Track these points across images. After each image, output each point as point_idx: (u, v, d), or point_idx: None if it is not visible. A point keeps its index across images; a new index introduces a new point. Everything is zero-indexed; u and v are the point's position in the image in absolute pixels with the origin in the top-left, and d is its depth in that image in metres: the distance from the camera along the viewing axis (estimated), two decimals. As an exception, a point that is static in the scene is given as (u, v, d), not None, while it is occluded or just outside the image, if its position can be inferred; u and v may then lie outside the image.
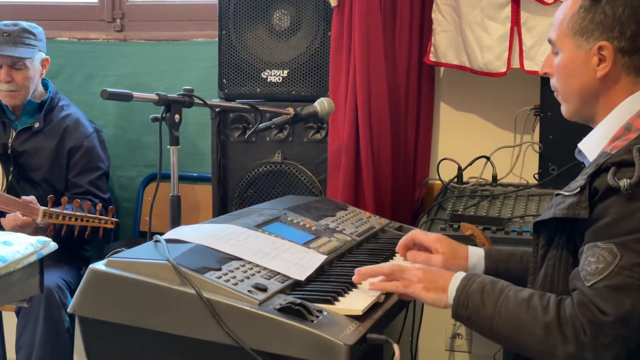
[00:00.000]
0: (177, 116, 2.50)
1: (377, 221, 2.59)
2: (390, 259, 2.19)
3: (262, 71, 3.11)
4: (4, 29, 3.27)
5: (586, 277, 1.58)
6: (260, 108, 2.78)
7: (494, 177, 3.08)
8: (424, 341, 2.92)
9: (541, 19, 2.87)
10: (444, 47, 3.07)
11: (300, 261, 1.93)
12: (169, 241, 1.84)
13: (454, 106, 3.31)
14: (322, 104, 2.82)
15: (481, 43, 2.96)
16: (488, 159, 3.08)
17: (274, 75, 3.10)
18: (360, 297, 1.79)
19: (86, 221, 3.05)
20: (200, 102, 2.58)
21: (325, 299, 1.73)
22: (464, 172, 3.08)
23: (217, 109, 3.09)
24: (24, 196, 3.08)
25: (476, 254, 2.04)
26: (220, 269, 1.73)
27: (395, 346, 1.61)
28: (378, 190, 3.00)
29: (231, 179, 3.18)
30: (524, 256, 1.97)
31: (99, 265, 1.75)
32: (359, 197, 2.98)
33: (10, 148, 3.33)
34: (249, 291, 1.66)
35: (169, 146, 2.51)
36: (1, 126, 3.37)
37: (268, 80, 3.11)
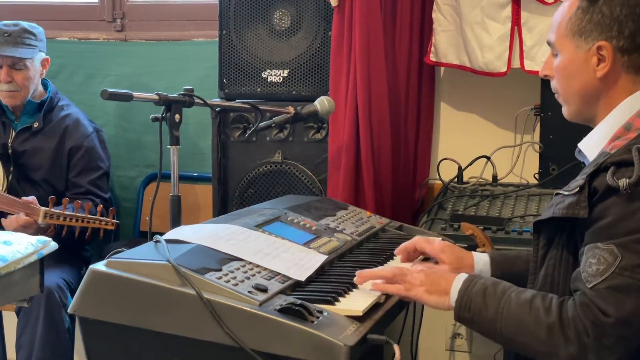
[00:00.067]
0: (177, 116, 2.50)
1: (378, 221, 2.59)
2: (391, 258, 2.18)
3: (262, 71, 3.11)
4: (4, 29, 3.26)
5: (587, 278, 1.58)
6: (260, 107, 2.77)
7: (494, 177, 3.08)
8: (424, 341, 2.93)
9: (542, 19, 2.87)
10: (444, 47, 3.07)
11: (300, 261, 1.93)
12: (169, 241, 1.84)
13: (455, 106, 3.30)
14: (322, 102, 2.81)
15: (481, 43, 2.95)
16: (488, 158, 3.08)
17: (275, 75, 3.10)
18: (360, 298, 1.78)
19: (87, 222, 3.05)
20: (201, 101, 2.58)
21: (325, 299, 1.73)
22: (464, 172, 3.08)
23: (218, 109, 3.09)
24: (24, 197, 3.08)
25: (481, 260, 2.03)
26: (220, 270, 1.73)
27: (396, 346, 1.61)
28: (378, 190, 3.00)
29: (231, 178, 3.17)
30: (528, 258, 1.96)
31: (99, 266, 1.75)
32: (360, 197, 2.98)
33: (10, 148, 3.33)
34: (249, 292, 1.66)
35: (169, 146, 2.50)
36: (1, 126, 3.37)
37: (268, 80, 3.10)
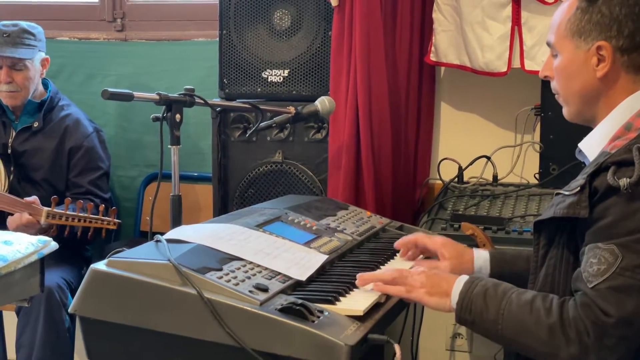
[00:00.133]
0: (178, 116, 2.50)
1: (378, 221, 2.59)
2: (391, 258, 2.19)
3: (262, 71, 3.11)
4: (3, 29, 3.26)
5: (588, 278, 1.58)
6: (261, 107, 2.77)
7: (495, 177, 3.08)
8: (424, 341, 2.93)
9: (542, 19, 2.87)
10: (444, 46, 3.07)
11: (301, 261, 1.93)
12: (169, 241, 1.84)
13: (455, 106, 3.30)
14: (322, 102, 2.81)
15: (482, 43, 2.95)
16: (489, 158, 3.08)
17: (275, 75, 3.10)
18: (361, 297, 1.78)
19: (89, 222, 3.05)
20: (201, 101, 2.58)
21: (326, 299, 1.73)
22: (465, 172, 3.08)
23: (218, 109, 3.09)
24: (25, 197, 3.08)
25: (481, 257, 2.04)
26: (221, 269, 1.73)
27: (396, 346, 1.61)
28: (379, 190, 3.00)
29: (232, 178, 3.17)
30: (529, 257, 1.97)
31: (100, 265, 1.75)
32: (360, 197, 2.98)
33: (11, 148, 3.33)
34: (250, 291, 1.66)
35: (169, 146, 2.51)
36: (1, 126, 3.37)
37: (269, 80, 3.10)
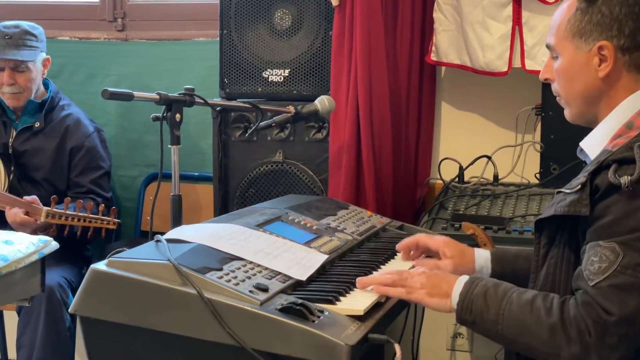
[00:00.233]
0: (178, 115, 2.50)
1: (379, 220, 2.59)
2: (392, 258, 2.18)
3: (263, 70, 3.11)
4: (5, 31, 3.25)
5: (589, 276, 1.58)
6: (261, 107, 2.77)
7: (495, 177, 3.07)
8: (425, 341, 2.92)
9: (542, 19, 2.87)
10: (445, 46, 3.07)
11: (301, 261, 1.93)
12: (170, 241, 1.84)
13: (455, 105, 3.30)
14: (322, 101, 2.81)
15: (482, 42, 2.95)
16: (489, 158, 3.08)
17: (275, 74, 3.09)
18: (361, 297, 1.78)
19: (89, 222, 3.05)
20: (202, 101, 2.58)
21: (326, 299, 1.73)
22: (465, 172, 3.08)
23: (218, 108, 3.09)
24: (25, 196, 3.08)
25: (482, 256, 2.04)
26: (221, 269, 1.73)
27: (397, 346, 1.61)
28: (379, 190, 3.00)
29: (232, 178, 3.17)
30: (530, 256, 1.96)
31: (100, 265, 1.75)
32: (360, 197, 2.98)
33: (11, 147, 3.33)
34: (250, 291, 1.66)
35: (170, 145, 2.50)
36: (2, 126, 3.37)
37: (269, 80, 3.10)
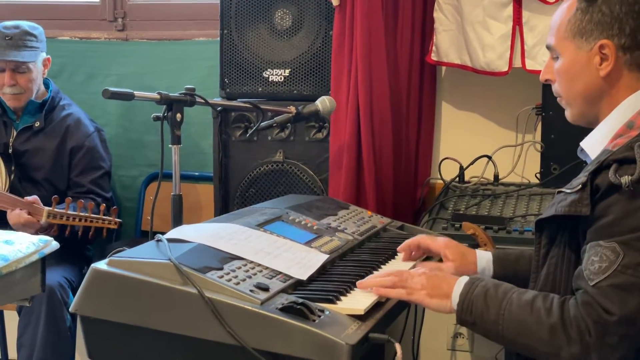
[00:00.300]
0: (178, 115, 2.50)
1: (379, 220, 2.59)
2: (392, 258, 2.18)
3: (263, 70, 3.11)
4: (5, 32, 3.25)
5: (590, 276, 1.58)
6: (261, 107, 2.77)
7: (496, 177, 3.07)
8: (425, 340, 2.92)
9: (543, 18, 2.87)
10: (445, 46, 3.07)
11: (302, 260, 1.93)
12: (170, 240, 1.84)
13: (456, 105, 3.30)
14: (323, 102, 2.81)
15: (483, 42, 2.95)
16: (490, 158, 3.08)
17: (276, 74, 3.10)
18: (362, 297, 1.78)
19: (90, 221, 3.05)
20: (202, 101, 2.58)
21: (327, 298, 1.73)
22: (466, 172, 3.08)
23: (219, 108, 3.09)
24: (26, 196, 3.08)
25: (484, 257, 2.04)
26: (222, 269, 1.73)
27: (397, 345, 1.61)
28: (380, 190, 3.00)
29: (233, 178, 3.17)
30: (531, 257, 1.96)
31: (101, 265, 1.75)
32: (361, 196, 2.98)
33: (12, 147, 3.33)
34: (250, 291, 1.66)
35: (170, 145, 2.50)
36: (2, 126, 3.37)
37: (270, 80, 3.10)
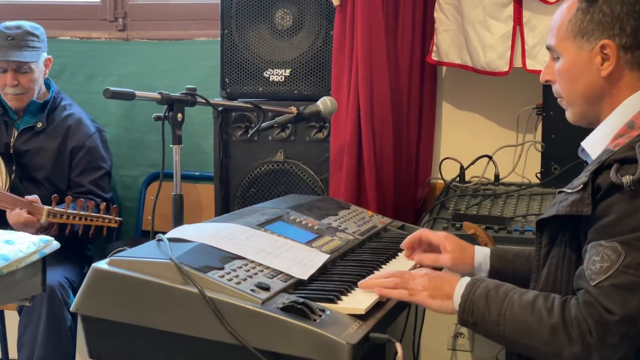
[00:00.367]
0: (179, 115, 2.50)
1: (380, 220, 2.59)
2: (393, 258, 2.19)
3: (264, 70, 3.11)
4: (7, 32, 3.25)
5: (591, 276, 1.58)
6: (262, 107, 2.78)
7: (496, 177, 3.07)
8: (426, 340, 2.92)
9: (543, 18, 2.87)
10: (446, 46, 3.07)
11: (302, 260, 1.93)
12: (171, 240, 1.84)
13: (456, 105, 3.30)
14: (324, 103, 2.81)
15: (483, 42, 2.95)
16: (490, 158, 3.08)
17: (276, 74, 3.10)
18: (362, 296, 1.79)
19: (90, 220, 3.06)
20: (203, 101, 2.58)
21: (327, 298, 1.73)
22: (466, 171, 3.08)
23: (220, 108, 3.09)
24: (27, 196, 3.08)
25: (482, 253, 2.05)
26: (222, 268, 1.73)
27: (398, 345, 1.61)
28: (380, 190, 3.00)
29: (233, 178, 3.18)
30: (530, 257, 1.96)
31: (102, 264, 1.75)
32: (362, 196, 2.98)
33: (13, 147, 3.33)
34: (251, 290, 1.66)
35: (171, 145, 2.50)
36: (3, 125, 3.37)
37: (270, 80, 3.10)
